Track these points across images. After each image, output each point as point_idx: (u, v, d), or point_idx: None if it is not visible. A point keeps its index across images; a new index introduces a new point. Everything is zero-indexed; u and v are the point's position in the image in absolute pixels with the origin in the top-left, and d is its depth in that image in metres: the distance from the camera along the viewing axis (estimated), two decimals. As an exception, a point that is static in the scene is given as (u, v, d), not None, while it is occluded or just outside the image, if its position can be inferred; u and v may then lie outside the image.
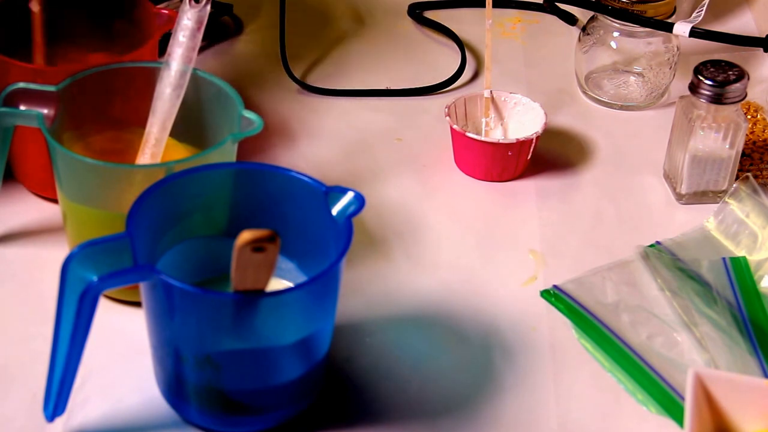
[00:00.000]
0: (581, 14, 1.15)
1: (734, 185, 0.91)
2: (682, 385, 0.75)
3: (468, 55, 1.10)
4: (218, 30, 1.13)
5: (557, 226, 0.91)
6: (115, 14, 0.92)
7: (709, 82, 0.89)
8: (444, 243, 0.89)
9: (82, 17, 0.93)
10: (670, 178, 0.95)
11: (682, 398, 0.75)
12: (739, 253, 0.88)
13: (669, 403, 0.75)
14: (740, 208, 0.90)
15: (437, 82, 1.06)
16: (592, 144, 1.00)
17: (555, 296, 0.83)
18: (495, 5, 0.97)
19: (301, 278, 0.76)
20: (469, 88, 1.07)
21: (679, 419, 0.74)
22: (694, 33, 0.98)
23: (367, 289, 0.84)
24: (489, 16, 0.96)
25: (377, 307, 0.82)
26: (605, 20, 1.03)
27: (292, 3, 1.12)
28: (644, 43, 1.03)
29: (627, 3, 1.00)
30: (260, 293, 0.65)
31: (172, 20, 0.87)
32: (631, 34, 1.03)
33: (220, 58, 1.10)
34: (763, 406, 0.70)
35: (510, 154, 0.93)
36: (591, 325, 0.81)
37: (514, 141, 0.92)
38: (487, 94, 0.97)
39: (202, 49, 1.09)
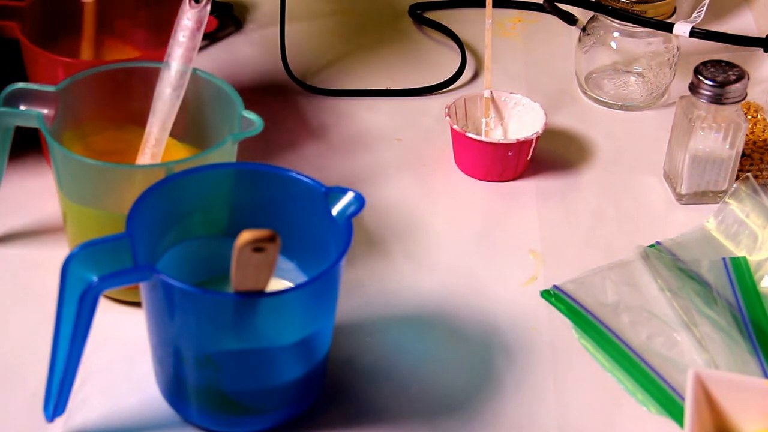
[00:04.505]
0: (581, 14, 1.15)
1: (734, 185, 0.91)
2: (682, 385, 0.75)
3: (468, 55, 1.10)
4: (218, 30, 1.13)
5: (557, 226, 0.91)
6: (159, 10, 0.92)
7: (709, 82, 0.89)
8: (444, 243, 0.89)
9: (125, 10, 0.93)
10: (670, 178, 0.95)
11: (682, 398, 0.75)
12: (739, 253, 0.88)
13: (669, 403, 0.75)
14: (740, 209, 0.90)
15: (437, 82, 1.06)
16: (592, 144, 1.00)
17: (555, 296, 0.83)
18: (495, 5, 0.97)
19: (301, 278, 0.76)
20: (469, 88, 1.07)
21: (679, 419, 0.74)
22: (694, 33, 0.98)
23: (367, 289, 0.84)
24: (489, 16, 0.96)
25: (377, 307, 0.82)
26: (605, 20, 1.03)
27: (292, 3, 1.12)
28: (644, 43, 1.03)
29: (627, 3, 1.00)
30: (260, 293, 0.65)
31: (210, 23, 0.87)
32: (631, 34, 1.03)
33: (220, 58, 1.10)
34: (763, 406, 0.70)
35: (510, 154, 0.93)
36: (591, 325, 0.81)
37: (514, 141, 0.92)
38: (487, 94, 0.97)
39: (202, 49, 1.09)
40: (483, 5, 0.98)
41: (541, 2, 1.17)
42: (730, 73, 0.89)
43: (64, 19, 0.92)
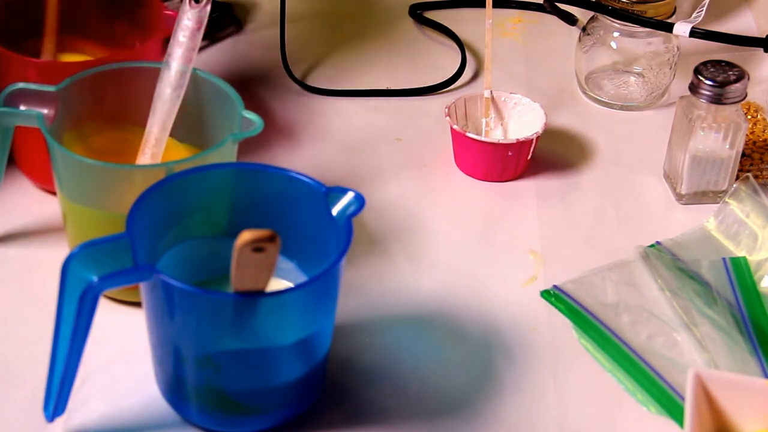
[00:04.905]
0: (581, 14, 1.15)
1: (734, 185, 0.91)
2: (682, 385, 0.75)
3: (468, 55, 1.10)
4: (218, 30, 1.13)
5: (557, 226, 0.91)
6: (124, 11, 0.92)
7: (709, 83, 0.89)
8: (444, 243, 0.89)
9: (92, 11, 0.93)
10: (670, 178, 0.95)
11: (682, 398, 0.75)
12: (740, 253, 0.88)
13: (669, 403, 0.75)
14: (740, 209, 0.90)
15: (437, 82, 1.06)
16: (592, 144, 1.00)
17: (555, 296, 0.83)
18: (495, 5, 0.97)
19: (301, 278, 0.76)
20: (469, 88, 1.07)
21: (679, 419, 0.74)
22: (694, 33, 0.98)
23: (367, 289, 0.84)
24: (489, 16, 0.96)
25: (377, 307, 0.82)
26: (605, 20, 1.03)
27: (292, 3, 1.12)
28: (644, 43, 1.03)
29: (627, 3, 1.00)
30: (260, 293, 0.65)
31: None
32: (631, 34, 1.03)
33: (220, 58, 1.10)
34: (763, 406, 0.70)
35: (510, 154, 0.93)
36: (591, 325, 0.81)
37: (514, 141, 0.92)
38: (487, 94, 0.97)
39: (202, 49, 1.09)
40: (483, 5, 0.98)
41: (541, 2, 1.17)
42: (730, 73, 0.89)
43: (28, 20, 0.91)
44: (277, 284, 0.75)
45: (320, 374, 0.74)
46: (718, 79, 0.88)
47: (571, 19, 1.15)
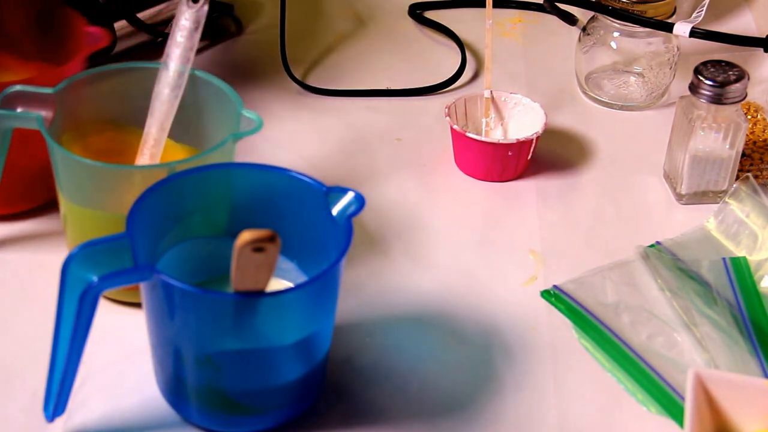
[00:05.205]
0: (581, 14, 1.15)
1: (734, 185, 0.91)
2: (682, 385, 0.75)
3: (468, 55, 1.10)
4: (218, 30, 1.13)
5: (557, 226, 0.91)
6: (49, 29, 0.92)
7: (710, 83, 0.89)
8: (444, 243, 0.89)
9: (16, 28, 0.92)
10: (670, 178, 0.95)
11: (682, 398, 0.75)
12: (740, 253, 0.88)
13: (669, 403, 0.75)
14: (740, 209, 0.90)
15: (437, 82, 1.06)
16: (592, 144, 1.00)
17: (555, 296, 0.83)
18: (495, 5, 0.97)
19: (301, 278, 0.76)
20: (469, 88, 1.07)
21: (679, 419, 0.74)
22: (694, 33, 0.98)
23: (367, 289, 0.84)
24: (489, 16, 0.97)
25: (377, 307, 0.82)
26: (605, 20, 1.03)
27: (292, 3, 1.12)
28: (644, 44, 1.03)
29: (627, 3, 1.00)
30: (260, 293, 0.65)
31: (103, 39, 0.86)
32: (631, 35, 1.03)
33: (220, 58, 1.10)
34: (763, 406, 0.70)
35: (510, 154, 0.93)
36: (591, 325, 0.81)
37: (514, 141, 0.92)
38: (487, 94, 0.97)
39: (202, 50, 1.09)
40: (483, 5, 0.98)
41: (541, 2, 1.17)
42: (730, 73, 0.89)
43: None
44: (277, 284, 0.75)
45: (320, 374, 0.74)
46: (718, 79, 0.88)
47: (571, 19, 1.15)
